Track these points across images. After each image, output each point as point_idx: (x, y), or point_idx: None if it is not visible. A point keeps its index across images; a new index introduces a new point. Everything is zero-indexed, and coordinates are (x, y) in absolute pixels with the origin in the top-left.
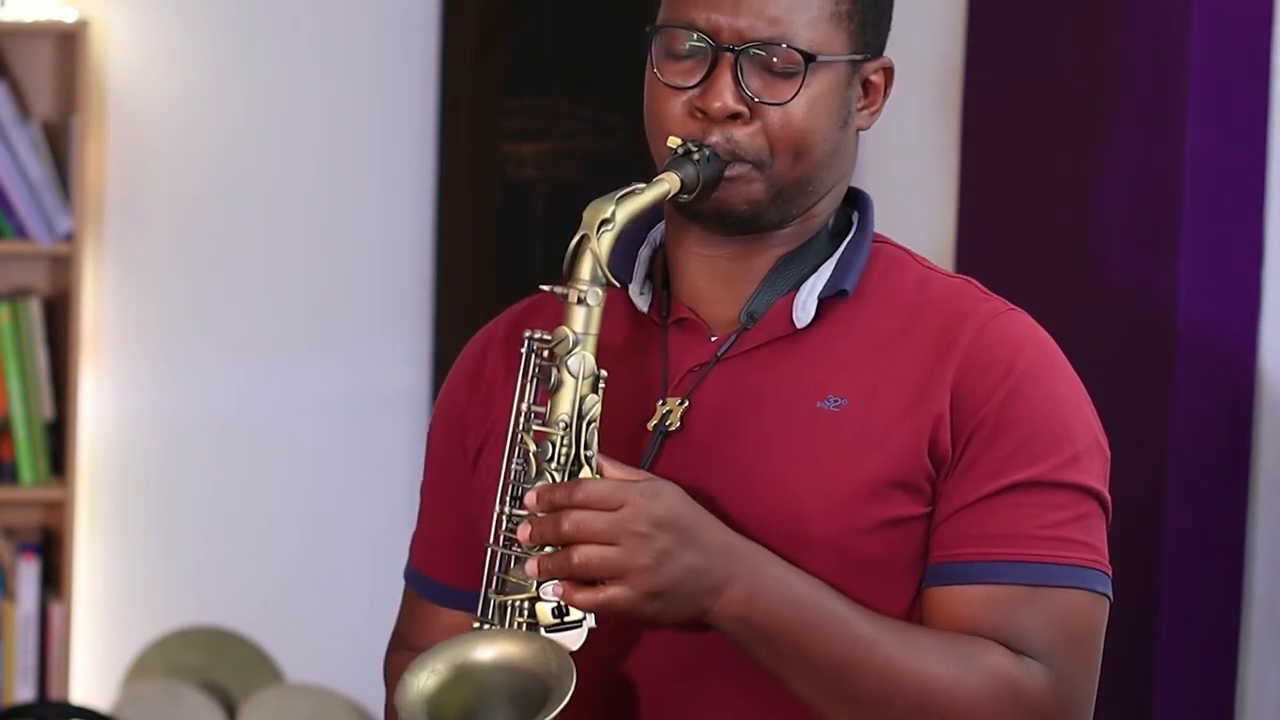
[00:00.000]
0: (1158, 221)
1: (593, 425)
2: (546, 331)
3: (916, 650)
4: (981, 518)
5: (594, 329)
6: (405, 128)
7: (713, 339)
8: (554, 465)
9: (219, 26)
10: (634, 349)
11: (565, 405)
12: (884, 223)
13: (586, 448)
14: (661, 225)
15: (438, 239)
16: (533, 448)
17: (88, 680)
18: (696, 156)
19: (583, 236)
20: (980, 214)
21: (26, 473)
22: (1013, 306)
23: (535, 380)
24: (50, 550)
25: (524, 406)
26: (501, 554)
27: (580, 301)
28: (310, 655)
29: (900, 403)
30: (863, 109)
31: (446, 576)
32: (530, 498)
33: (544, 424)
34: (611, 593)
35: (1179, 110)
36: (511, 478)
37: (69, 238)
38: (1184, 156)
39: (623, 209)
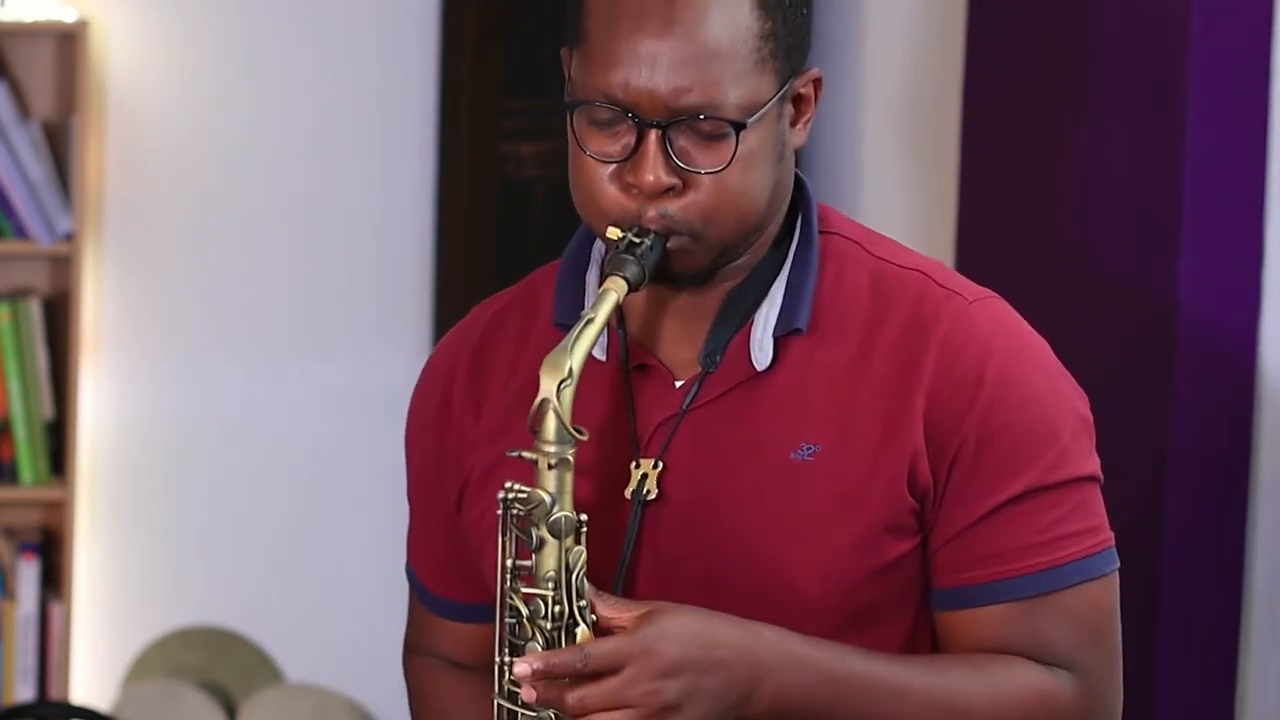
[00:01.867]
0: (1158, 221)
1: (581, 575)
2: (522, 489)
3: (949, 687)
4: (981, 539)
5: (569, 485)
6: (405, 128)
7: (677, 384)
8: (548, 624)
9: (219, 26)
10: (597, 401)
11: (551, 563)
12: (884, 223)
13: (579, 598)
14: (601, 247)
15: (438, 239)
16: (524, 610)
17: (88, 680)
18: (639, 248)
19: (542, 401)
20: (980, 214)
21: (26, 473)
22: (975, 296)
23: (514, 535)
24: (50, 550)
25: (508, 563)
26: (508, 709)
27: (551, 468)
28: (310, 655)
29: (872, 441)
30: (795, 125)
31: (444, 590)
32: (523, 668)
33: (531, 580)
34: None
35: (1179, 110)
36: (506, 632)
37: (69, 238)
38: (1184, 156)
39: (577, 356)
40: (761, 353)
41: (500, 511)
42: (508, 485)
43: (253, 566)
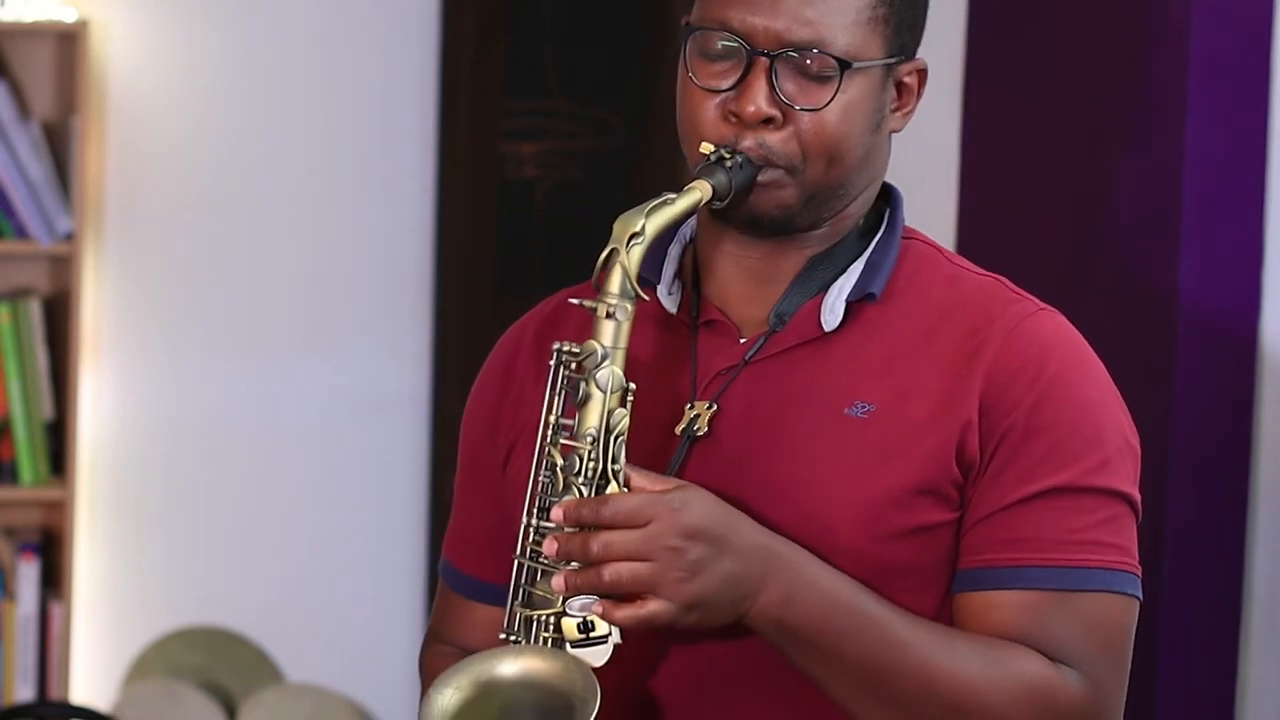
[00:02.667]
0: (1158, 221)
1: (620, 439)
2: (575, 344)
3: (952, 653)
4: (1012, 523)
5: (623, 343)
6: (405, 128)
7: (741, 340)
8: (580, 479)
9: (219, 26)
10: (662, 350)
11: (593, 419)
12: None
13: (614, 462)
14: (693, 221)
15: (438, 239)
16: (559, 461)
17: (88, 680)
18: (729, 164)
19: (612, 250)
20: (980, 212)
21: (26, 473)
22: (1043, 306)
23: (563, 392)
24: (50, 550)
25: (551, 419)
26: (528, 567)
27: (609, 316)
28: (310, 655)
29: (928, 409)
30: (895, 110)
31: (481, 571)
32: (556, 513)
33: (571, 437)
34: (651, 608)
35: (1179, 110)
36: (539, 490)
37: (69, 238)
38: (1184, 155)
39: (653, 221)
40: (832, 315)
41: (552, 363)
42: (560, 343)
43: (253, 566)
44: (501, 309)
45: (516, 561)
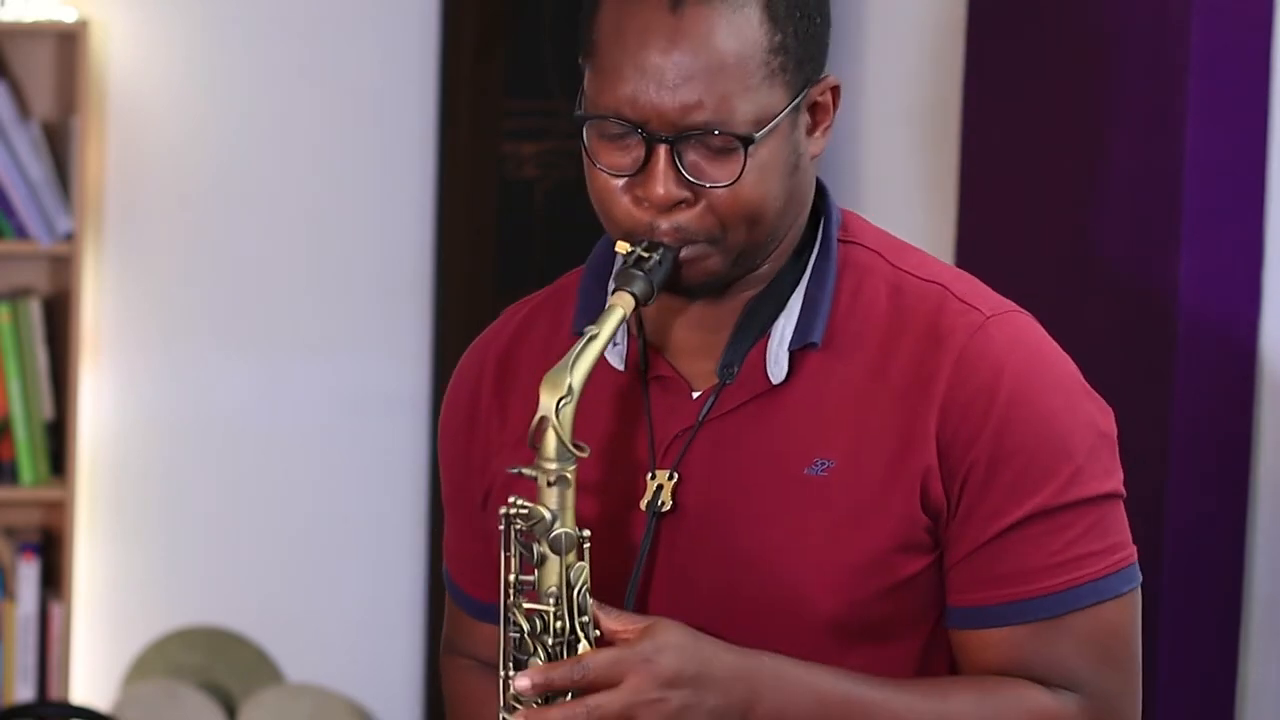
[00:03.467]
0: (1158, 222)
1: (584, 590)
2: (524, 504)
3: (949, 711)
4: (993, 559)
5: (570, 502)
6: (405, 128)
7: (695, 395)
8: (550, 639)
9: (219, 26)
10: (616, 411)
11: (552, 579)
12: (884, 223)
13: (581, 614)
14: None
15: (438, 239)
16: (525, 626)
17: (88, 680)
18: (648, 263)
19: (541, 418)
20: (980, 213)
21: (26, 473)
22: (993, 311)
23: (518, 551)
24: (50, 550)
25: (511, 579)
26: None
27: (551, 485)
28: (310, 655)
29: (886, 458)
30: (813, 133)
31: (476, 591)
32: (523, 683)
33: (533, 595)
34: None
35: (1179, 110)
36: (509, 646)
37: (69, 238)
38: (1184, 155)
39: (578, 373)
40: (777, 366)
41: (502, 526)
42: (510, 500)
43: (253, 566)
44: (501, 309)
45: (501, 716)
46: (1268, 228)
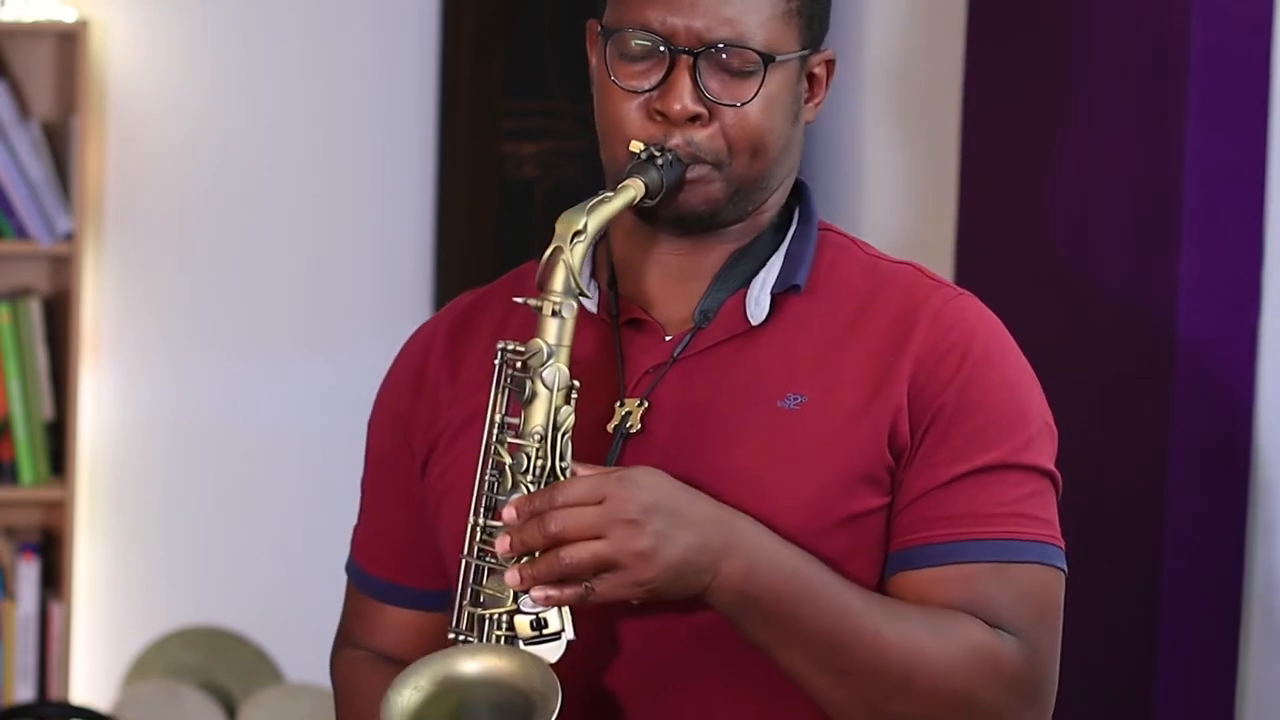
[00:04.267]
0: (1158, 222)
1: (567, 436)
2: (520, 343)
3: (902, 622)
4: (944, 501)
5: (567, 340)
6: (405, 128)
7: (668, 339)
8: (529, 477)
9: (219, 26)
10: (587, 350)
11: (539, 417)
12: (884, 226)
13: (561, 458)
14: None
15: (438, 239)
16: (507, 460)
17: (88, 680)
18: (660, 161)
19: (556, 248)
20: (980, 215)
21: (26, 473)
22: (961, 291)
23: (507, 391)
24: (50, 550)
25: (497, 418)
26: (476, 565)
27: (555, 314)
28: (310, 655)
29: (859, 397)
30: (807, 102)
31: (392, 574)
32: (509, 512)
33: (517, 435)
34: (614, 582)
35: (1179, 110)
36: (485, 489)
37: (69, 238)
38: (1184, 156)
39: (594, 218)
40: (758, 308)
41: (497, 362)
42: (504, 342)
43: (253, 566)
44: None
45: (464, 560)
46: (1267, 232)
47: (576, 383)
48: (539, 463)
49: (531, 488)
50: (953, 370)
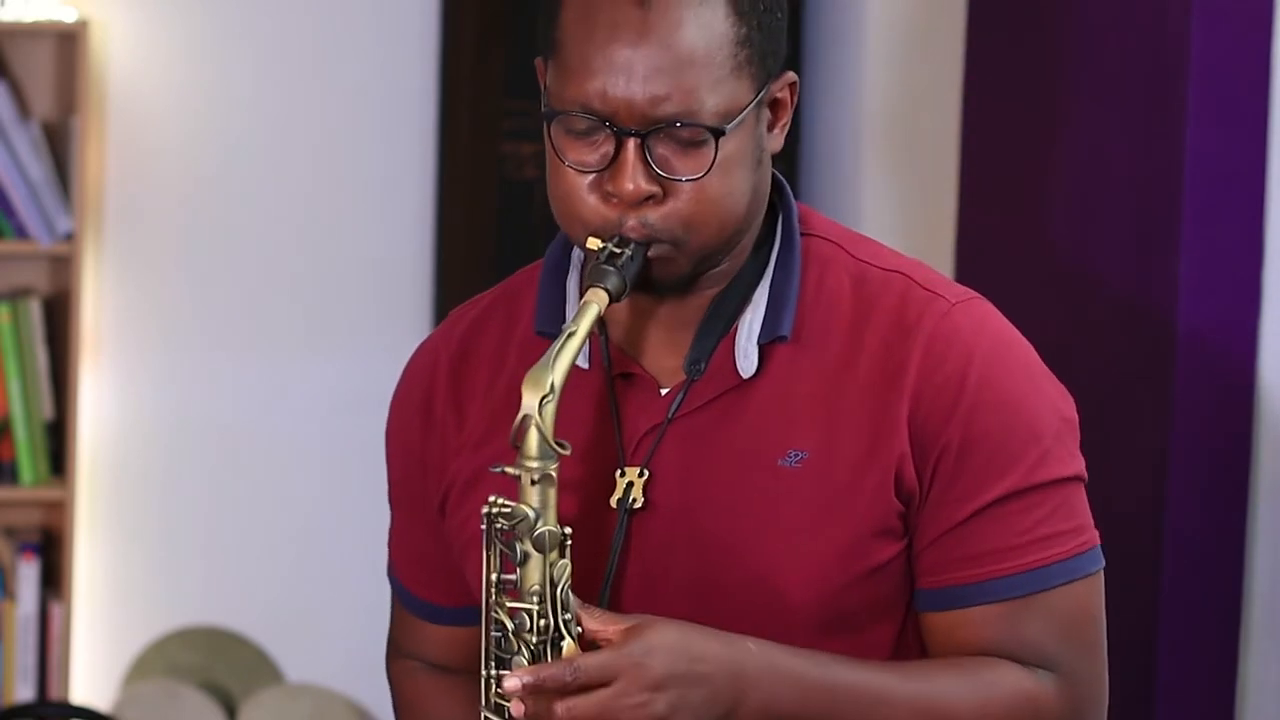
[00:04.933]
0: (1158, 222)
1: (566, 587)
2: (506, 503)
3: (934, 691)
4: (964, 540)
5: (552, 499)
6: (405, 128)
7: (663, 392)
8: (534, 638)
9: (219, 26)
10: (583, 410)
11: (535, 577)
12: (883, 225)
13: (564, 611)
14: (583, 256)
15: (438, 239)
16: (509, 624)
17: (88, 680)
18: (620, 259)
19: (525, 417)
20: (980, 215)
21: (26, 473)
22: (958, 298)
23: (499, 550)
24: (50, 550)
25: (493, 577)
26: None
27: (534, 483)
28: (310, 655)
29: (859, 448)
30: (771, 129)
31: (429, 594)
32: (512, 683)
33: (516, 594)
34: None
35: (1179, 110)
36: (492, 645)
37: (69, 238)
38: (1184, 156)
39: (559, 371)
40: (746, 360)
41: (484, 525)
42: (491, 500)
43: (253, 566)
44: None
45: (483, 715)
46: (1268, 230)
47: (568, 530)
48: (540, 622)
49: (538, 649)
50: (951, 404)
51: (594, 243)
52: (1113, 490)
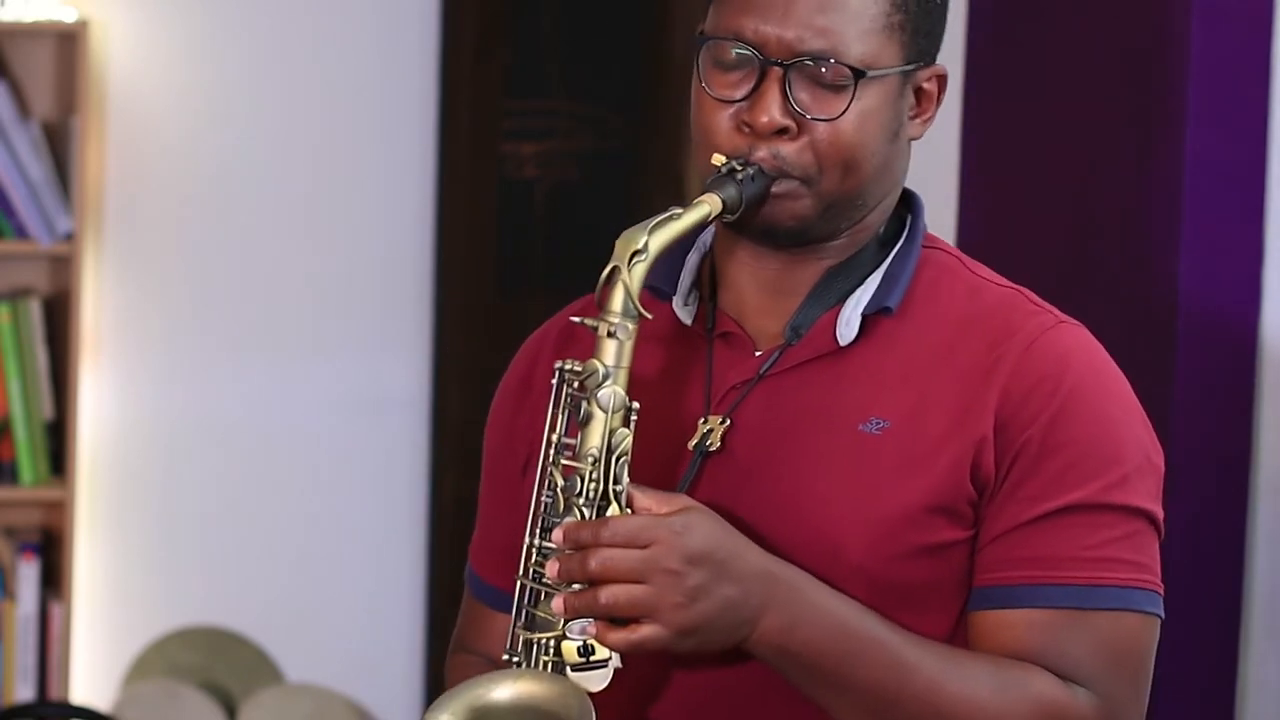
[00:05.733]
0: (1158, 221)
1: (623, 459)
2: (578, 362)
3: (960, 675)
4: (1026, 541)
5: (625, 361)
6: (405, 128)
7: (757, 354)
8: (582, 500)
9: (219, 27)
10: (675, 363)
11: (595, 439)
12: None
13: (615, 482)
14: (713, 229)
15: (438, 239)
16: (560, 482)
17: (88, 680)
18: (740, 176)
19: (614, 268)
20: (980, 214)
21: (26, 473)
22: (1064, 318)
23: (566, 411)
24: (50, 550)
25: (554, 438)
26: (530, 588)
27: (611, 335)
28: (310, 655)
29: (943, 425)
30: (914, 118)
31: (502, 580)
32: (556, 535)
33: (573, 457)
34: (644, 632)
35: (1179, 110)
36: (541, 509)
37: (69, 238)
38: (1184, 157)
39: (656, 238)
40: (848, 328)
41: (554, 381)
42: (562, 361)
43: (253, 566)
44: (501, 309)
45: (519, 582)
46: (1268, 228)
47: (635, 404)
48: (592, 485)
49: (585, 510)
50: (1043, 402)
51: (718, 158)
52: None
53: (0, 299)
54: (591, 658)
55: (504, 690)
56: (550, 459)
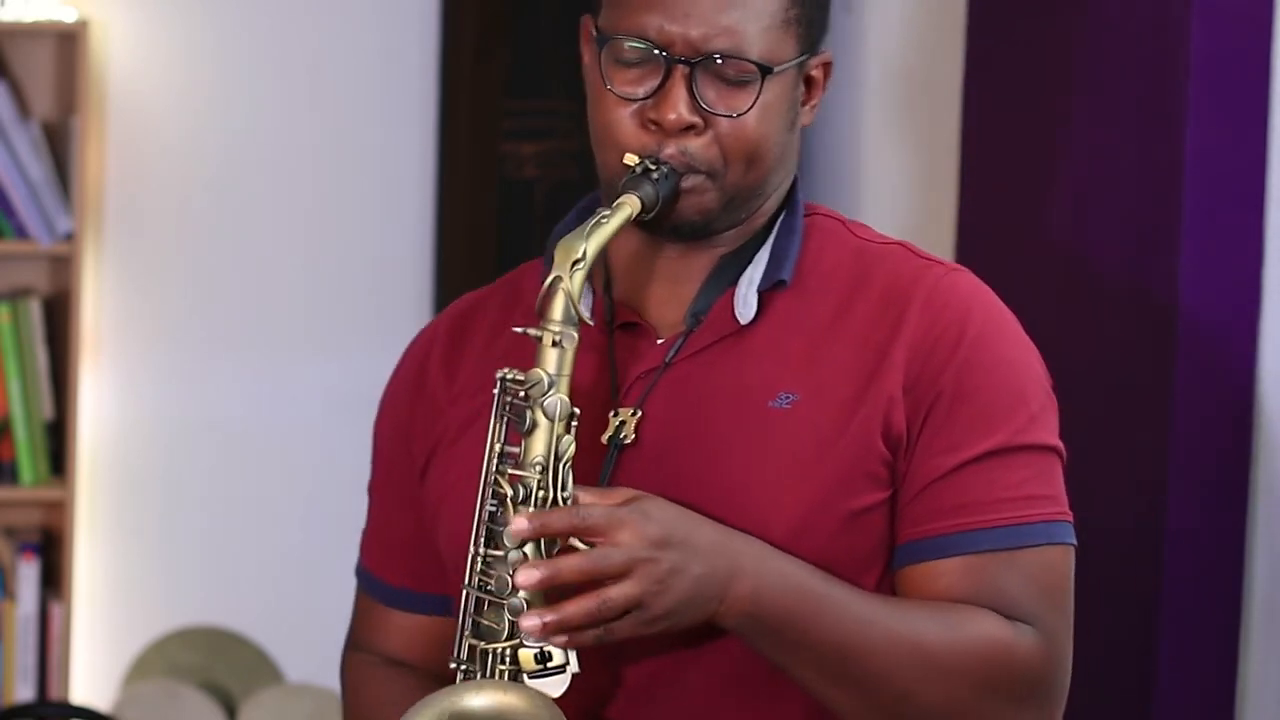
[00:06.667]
0: (1158, 221)
1: (568, 465)
2: (520, 372)
3: (912, 623)
4: (949, 490)
5: (568, 369)
6: (405, 128)
7: (659, 342)
8: (530, 508)
9: (219, 26)
10: (582, 358)
11: (540, 447)
12: (884, 219)
13: (563, 489)
14: None
15: (438, 239)
16: (508, 491)
17: (88, 680)
18: (655, 175)
19: (555, 277)
20: (980, 213)
21: (26, 473)
22: (953, 266)
23: (506, 420)
24: (50, 550)
25: (497, 447)
26: (476, 597)
27: (555, 344)
28: (310, 655)
29: (849, 390)
30: (804, 105)
31: (399, 579)
32: (520, 525)
33: (517, 465)
34: (632, 621)
35: (1179, 110)
36: (485, 519)
37: (69, 238)
38: (1184, 156)
39: (592, 243)
40: (746, 307)
41: (496, 391)
42: (504, 371)
43: (253, 566)
44: None
45: (465, 591)
46: (1268, 228)
47: (577, 410)
48: (540, 494)
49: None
50: (947, 355)
51: (630, 158)
52: (1113, 489)
53: (0, 299)
54: (548, 664)
55: (475, 700)
56: (494, 468)
